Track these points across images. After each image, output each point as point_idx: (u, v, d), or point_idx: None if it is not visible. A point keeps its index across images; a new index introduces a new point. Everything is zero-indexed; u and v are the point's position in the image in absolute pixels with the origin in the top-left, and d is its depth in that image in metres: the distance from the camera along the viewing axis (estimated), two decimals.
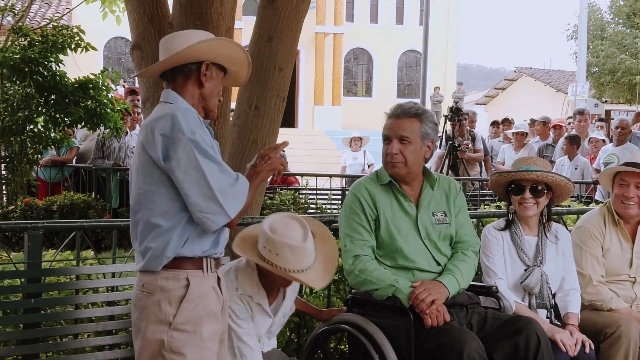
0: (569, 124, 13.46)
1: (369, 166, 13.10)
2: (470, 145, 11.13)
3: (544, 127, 12.24)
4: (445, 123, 11.22)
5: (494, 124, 13.98)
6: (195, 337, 2.88)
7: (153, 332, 2.86)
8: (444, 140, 11.28)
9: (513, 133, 11.59)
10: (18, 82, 8.56)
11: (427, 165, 3.99)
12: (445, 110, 12.21)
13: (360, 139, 13.53)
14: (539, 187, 4.08)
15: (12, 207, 8.80)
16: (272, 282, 3.47)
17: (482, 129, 16.57)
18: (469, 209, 4.15)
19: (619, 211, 4.39)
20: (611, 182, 4.50)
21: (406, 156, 3.73)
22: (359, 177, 5.35)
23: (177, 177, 2.82)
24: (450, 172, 10.83)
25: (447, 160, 11.06)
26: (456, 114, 10.86)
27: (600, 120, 14.82)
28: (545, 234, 4.15)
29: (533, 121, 13.40)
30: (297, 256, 3.25)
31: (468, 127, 11.54)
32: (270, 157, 3.03)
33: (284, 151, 11.96)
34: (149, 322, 2.87)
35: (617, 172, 4.46)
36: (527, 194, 4.07)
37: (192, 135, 2.81)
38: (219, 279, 3.04)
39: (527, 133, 11.71)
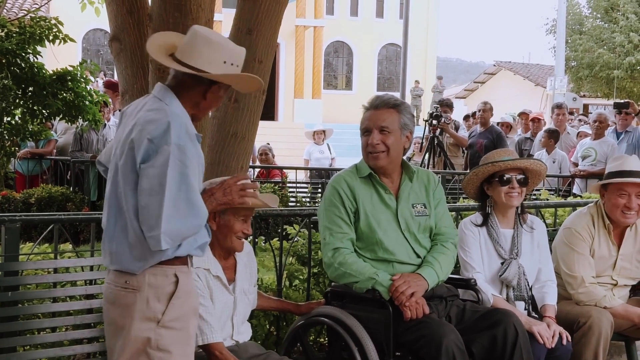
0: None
1: (331, 159, 13.13)
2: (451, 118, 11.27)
3: (526, 120, 12.30)
4: (425, 127, 11.36)
5: (466, 117, 14.05)
6: (182, 333, 2.84)
7: (139, 330, 2.79)
8: (426, 133, 11.43)
9: (497, 123, 11.61)
10: None
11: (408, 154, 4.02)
12: (425, 104, 12.34)
13: (324, 131, 13.44)
14: (524, 176, 4.12)
15: None
16: (223, 245, 3.51)
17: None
18: (448, 202, 4.16)
19: (618, 220, 4.34)
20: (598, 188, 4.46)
21: (388, 146, 3.74)
22: (338, 170, 5.35)
23: (141, 183, 2.71)
24: (433, 157, 10.93)
25: (428, 153, 11.13)
26: (436, 119, 11.01)
27: (583, 114, 14.89)
28: (521, 225, 4.18)
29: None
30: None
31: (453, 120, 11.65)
32: (231, 190, 2.90)
33: (268, 144, 12.01)
34: (134, 319, 2.80)
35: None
36: (515, 183, 4.10)
37: (178, 151, 2.70)
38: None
39: (511, 125, 11.79)
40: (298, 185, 11.21)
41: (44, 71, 8.55)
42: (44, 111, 8.73)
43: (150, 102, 2.90)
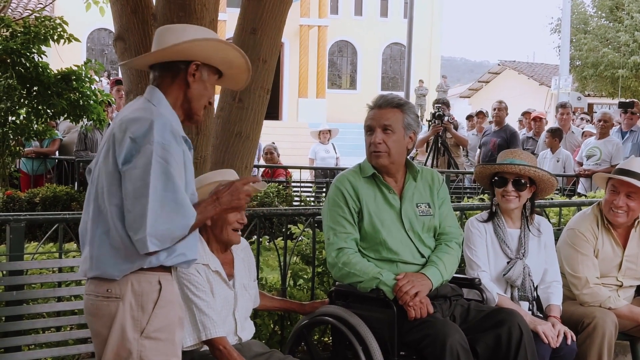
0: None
1: (336, 159, 13.16)
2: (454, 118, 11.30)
3: (529, 119, 12.29)
4: (429, 126, 11.37)
5: (469, 117, 14.03)
6: (167, 345, 2.74)
7: (121, 340, 2.69)
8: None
9: None
10: (0, 74, 8.48)
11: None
12: (429, 104, 12.37)
13: (329, 131, 13.47)
14: (522, 181, 4.09)
15: None
16: (219, 239, 3.49)
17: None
18: (452, 202, 4.16)
19: (608, 217, 4.36)
20: (605, 184, 4.46)
21: (389, 146, 3.73)
22: (343, 169, 5.35)
23: (125, 185, 2.62)
24: (437, 156, 10.93)
25: (432, 152, 11.14)
26: (439, 119, 11.03)
27: (585, 113, 14.86)
28: (528, 227, 4.17)
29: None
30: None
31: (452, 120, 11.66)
32: (238, 191, 2.78)
33: (274, 143, 12.05)
34: (117, 329, 2.69)
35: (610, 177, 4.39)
36: (510, 187, 4.09)
37: (161, 150, 2.61)
38: None
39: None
40: (302, 184, 11.22)
41: (48, 71, 8.58)
42: (48, 111, 8.76)
43: (139, 102, 2.83)
